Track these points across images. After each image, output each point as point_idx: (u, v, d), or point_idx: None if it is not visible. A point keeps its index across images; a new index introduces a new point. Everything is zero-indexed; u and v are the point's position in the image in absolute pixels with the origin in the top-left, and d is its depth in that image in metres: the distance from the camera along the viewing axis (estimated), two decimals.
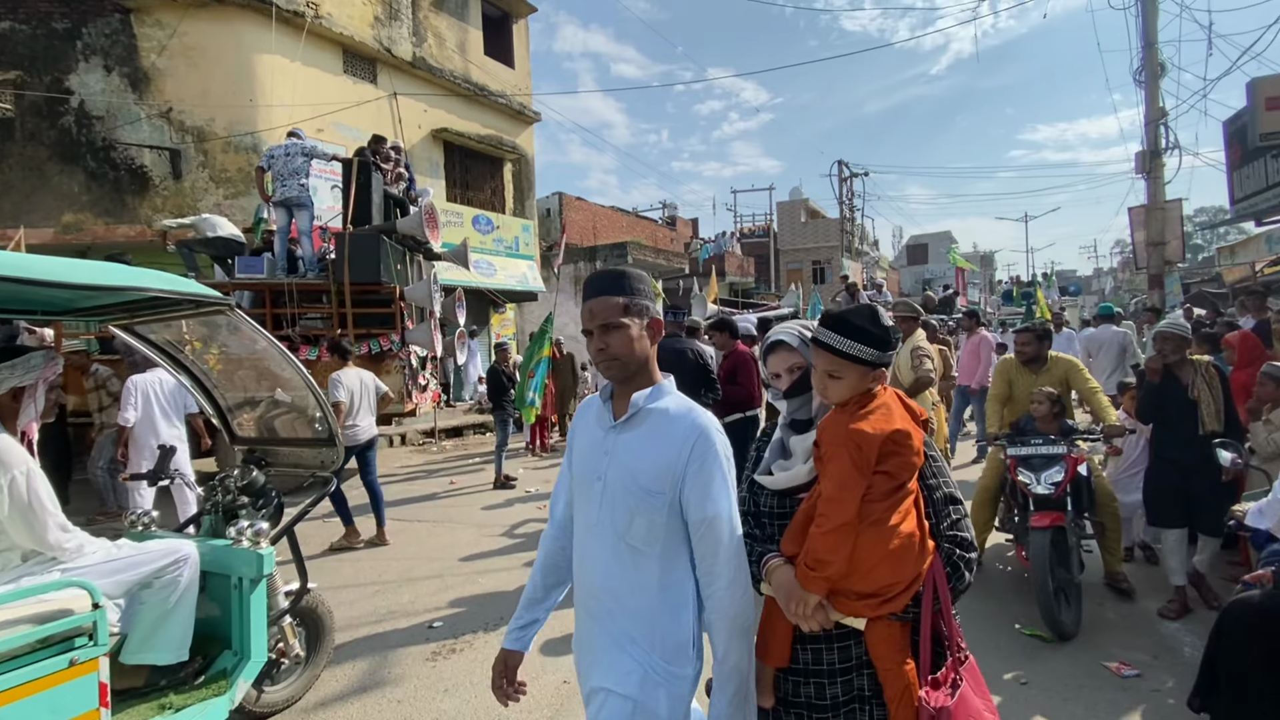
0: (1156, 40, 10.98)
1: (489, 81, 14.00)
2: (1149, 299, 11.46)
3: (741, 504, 1.48)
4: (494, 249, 13.24)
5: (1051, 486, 3.49)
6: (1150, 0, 11.02)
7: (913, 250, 49.80)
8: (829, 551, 1.28)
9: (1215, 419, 3.42)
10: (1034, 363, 4.12)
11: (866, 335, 1.31)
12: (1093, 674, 3.01)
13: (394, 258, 6.91)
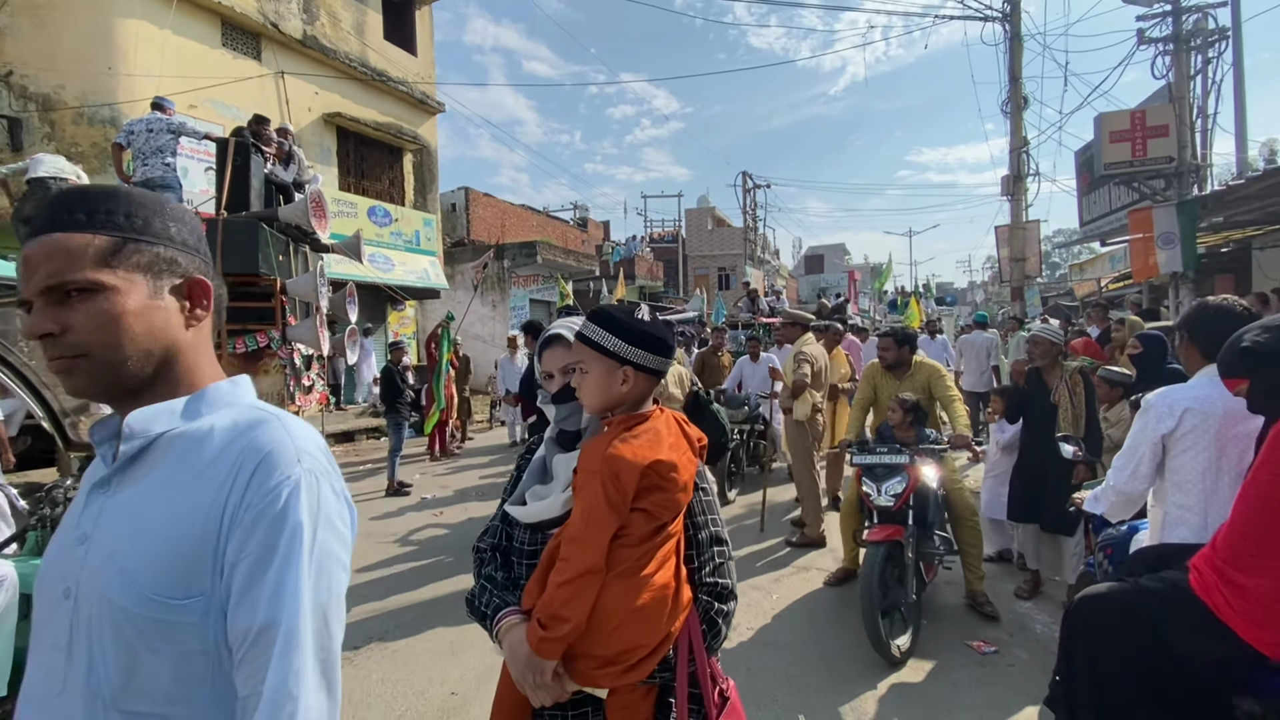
0: (1021, 75, 12.19)
1: (389, 68, 13.33)
2: (1012, 309, 12.70)
3: (492, 535, 1.29)
4: (392, 243, 12.60)
5: (892, 498, 3.37)
6: (1016, 39, 12.22)
7: (810, 260, 52.50)
8: (566, 605, 1.07)
9: (1072, 424, 3.50)
10: (897, 368, 4.08)
11: (618, 326, 1.17)
12: (959, 651, 3.26)
13: (275, 248, 6.39)
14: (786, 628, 3.56)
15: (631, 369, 1.18)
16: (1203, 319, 2.03)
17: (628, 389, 1.18)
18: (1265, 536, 1.48)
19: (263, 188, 6.80)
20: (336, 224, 10.26)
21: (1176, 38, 12.04)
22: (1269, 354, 1.54)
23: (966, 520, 3.65)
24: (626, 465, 1.09)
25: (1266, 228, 8.86)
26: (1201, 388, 1.99)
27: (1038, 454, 3.63)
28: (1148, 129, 11.64)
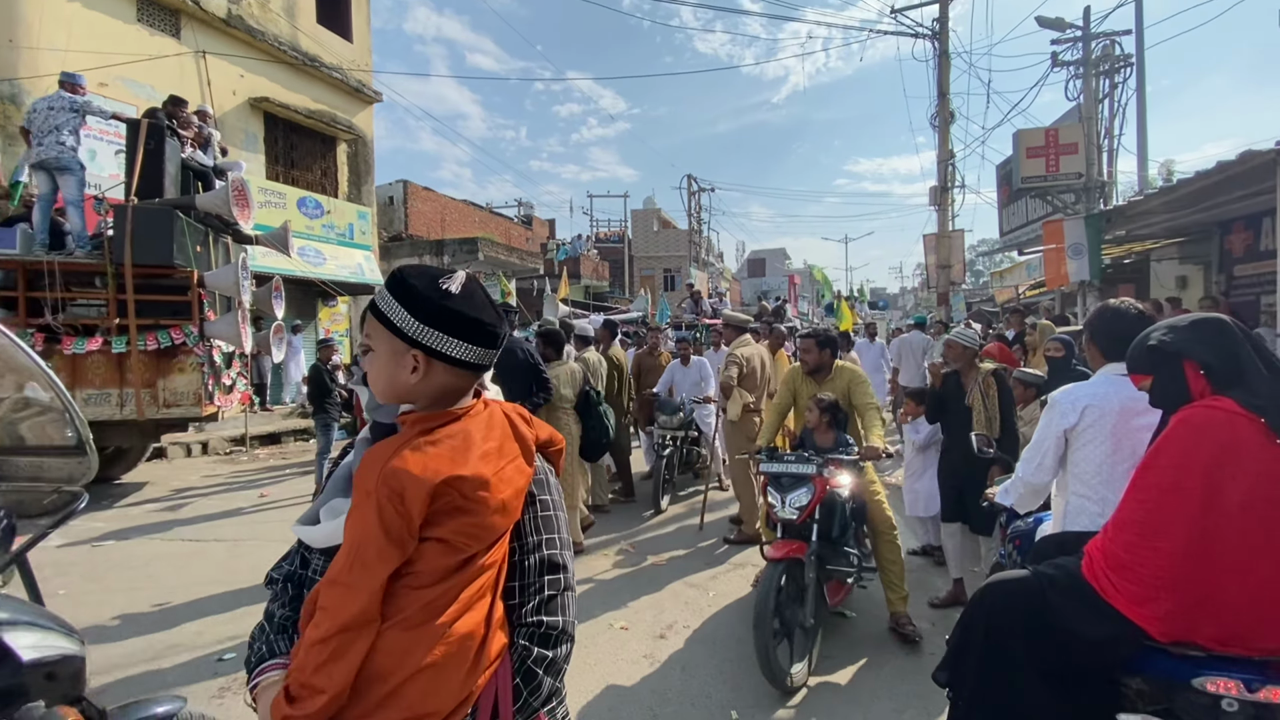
0: (949, 91, 12.81)
1: (322, 53, 12.78)
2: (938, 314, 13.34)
3: (289, 561, 1.05)
4: (324, 236, 12.07)
5: (795, 511, 3.11)
6: (944, 56, 12.83)
7: (752, 264, 53.67)
8: (320, 671, 0.83)
9: (986, 426, 3.51)
10: (818, 373, 3.86)
11: (411, 298, 0.92)
12: (885, 643, 3.39)
13: (192, 238, 6.02)
14: (722, 625, 3.61)
15: (422, 354, 0.93)
16: (1102, 321, 2.16)
17: (418, 379, 0.93)
18: (1159, 525, 1.56)
19: (179, 173, 6.39)
20: (263, 214, 9.76)
21: (1086, 62, 12.95)
22: (1171, 353, 1.65)
23: (885, 535, 3.42)
24: (412, 482, 0.85)
25: (1163, 241, 9.62)
26: (1101, 385, 2.10)
27: (958, 455, 3.65)
28: (1060, 146, 12.47)
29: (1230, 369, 1.58)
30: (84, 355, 5.82)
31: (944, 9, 12.82)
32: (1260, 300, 7.52)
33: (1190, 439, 1.56)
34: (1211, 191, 5.97)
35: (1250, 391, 1.54)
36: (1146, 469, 1.63)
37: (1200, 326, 1.67)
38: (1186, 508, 1.53)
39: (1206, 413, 1.57)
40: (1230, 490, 1.50)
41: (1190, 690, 1.54)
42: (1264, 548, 1.48)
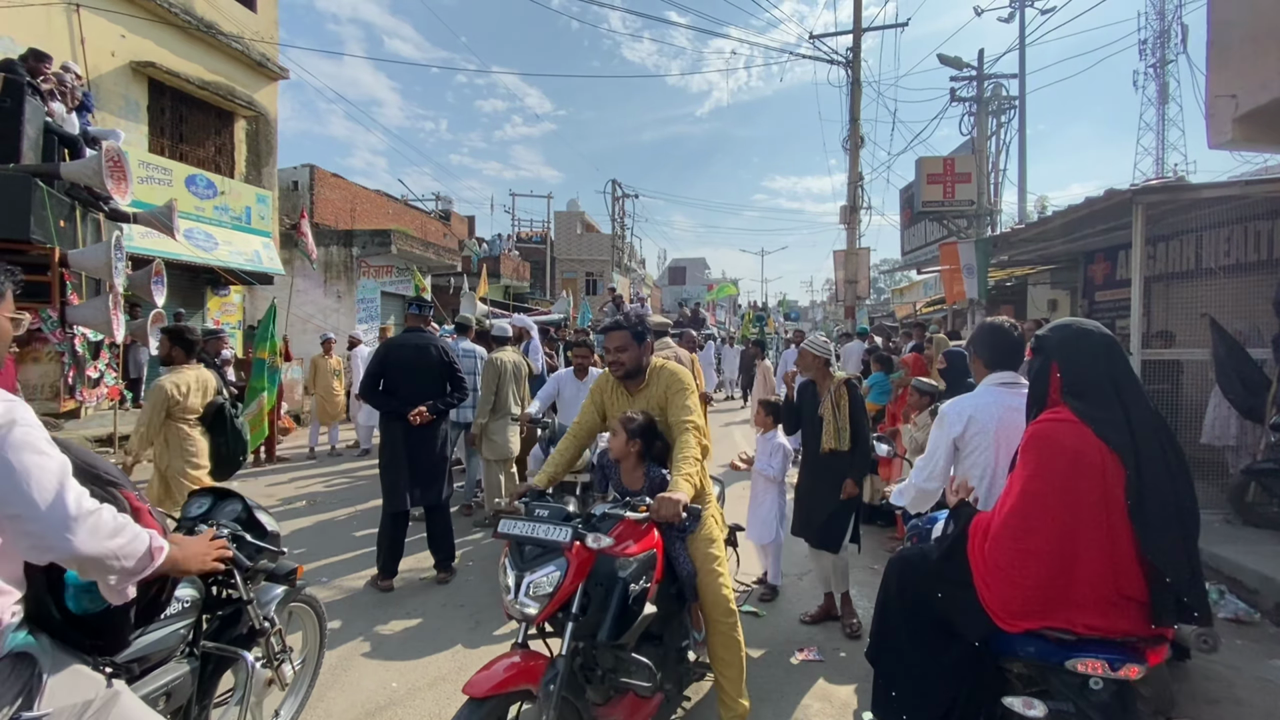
0: (859, 116, 13.56)
1: (219, 20, 11.77)
2: (844, 326, 14.05)
3: None
4: (216, 218, 11.10)
5: (535, 602, 1.96)
6: (856, 84, 13.57)
7: (674, 271, 54.59)
8: None
9: (834, 436, 3.47)
10: (631, 378, 2.64)
11: None
12: (780, 665, 3.47)
13: (55, 211, 5.35)
14: None
15: None
16: (984, 336, 2.40)
17: None
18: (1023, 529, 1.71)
19: (39, 137, 5.66)
20: (144, 191, 8.84)
21: (980, 99, 14.09)
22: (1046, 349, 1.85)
23: (720, 624, 2.44)
24: None
25: (1039, 267, 10.61)
26: (984, 395, 2.30)
27: (808, 467, 3.67)
28: (956, 175, 13.50)
29: (1078, 379, 1.75)
30: None
31: (857, 39, 13.58)
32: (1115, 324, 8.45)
33: (1045, 451, 1.72)
34: (1077, 225, 6.63)
35: (1088, 403, 1.71)
36: (1014, 478, 1.79)
37: (1069, 333, 1.83)
38: (1050, 511, 1.68)
39: (1053, 426, 1.74)
40: (1084, 492, 1.66)
41: (1063, 671, 1.69)
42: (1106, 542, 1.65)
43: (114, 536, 1.32)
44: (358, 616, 3.76)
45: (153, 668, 1.76)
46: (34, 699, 1.27)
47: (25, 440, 1.23)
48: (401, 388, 4.19)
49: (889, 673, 2.00)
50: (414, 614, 3.81)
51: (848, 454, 3.48)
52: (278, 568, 2.20)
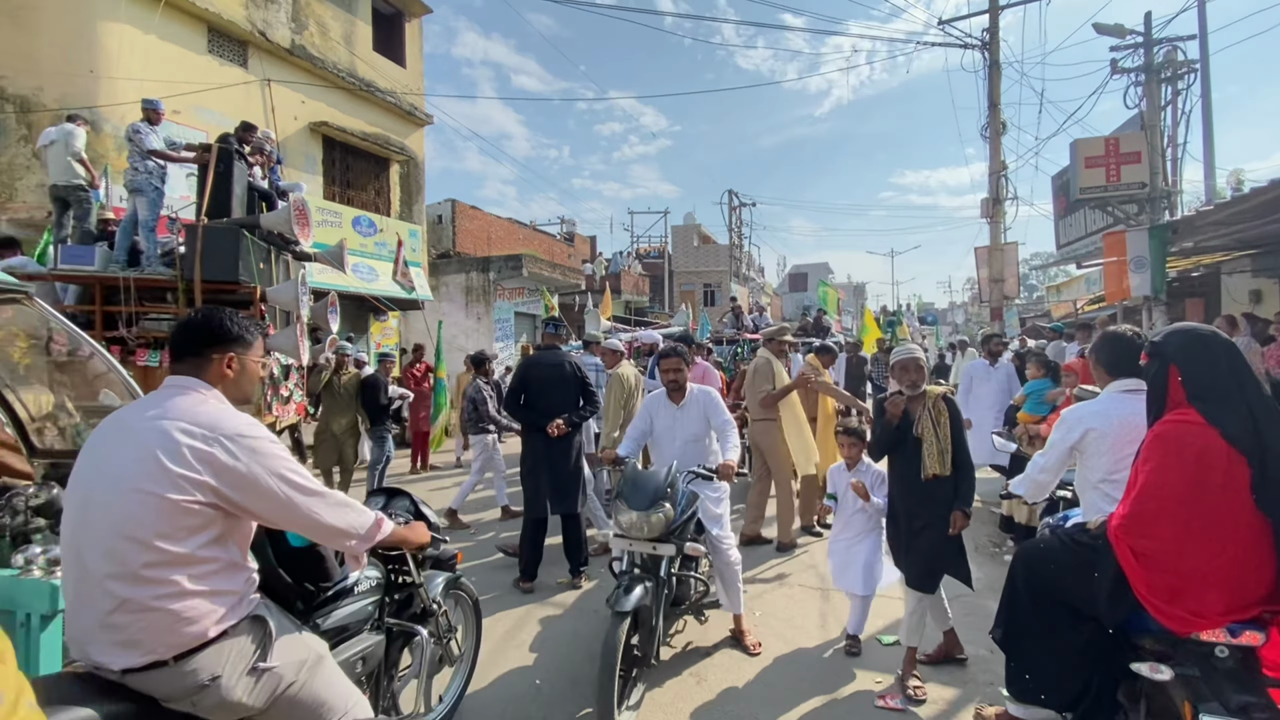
0: (999, 102, 12.51)
1: (377, 78, 13.34)
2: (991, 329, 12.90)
3: None
4: (376, 253, 12.51)
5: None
6: (994, 66, 12.55)
7: (794, 278, 53.16)
8: None
9: (937, 460, 3.02)
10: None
11: None
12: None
13: (256, 255, 6.31)
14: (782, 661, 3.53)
15: None
16: (1104, 345, 2.50)
17: None
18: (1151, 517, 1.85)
19: (245, 194, 6.72)
20: (320, 233, 10.17)
21: (1148, 69, 12.45)
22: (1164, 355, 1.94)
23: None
24: None
25: (1234, 253, 9.12)
26: (1104, 404, 2.41)
27: (902, 497, 3.19)
28: (1121, 155, 11.98)
29: (1201, 382, 1.86)
30: (156, 367, 6.13)
31: (994, 19, 12.58)
32: None
33: (1169, 448, 1.85)
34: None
35: (1212, 404, 1.83)
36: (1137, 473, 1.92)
37: (1188, 338, 1.93)
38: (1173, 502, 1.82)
39: (1177, 426, 1.86)
40: (1208, 485, 1.79)
41: (1189, 642, 1.83)
42: (1232, 534, 1.78)
43: (342, 511, 1.71)
44: (502, 615, 4.03)
45: (349, 638, 2.11)
46: (268, 652, 1.60)
47: (271, 441, 1.63)
48: (540, 402, 4.47)
49: (1022, 656, 2.12)
50: (553, 615, 4.03)
51: (950, 479, 3.04)
52: (441, 554, 2.58)
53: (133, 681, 1.47)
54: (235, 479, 1.53)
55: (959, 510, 2.98)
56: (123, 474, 1.49)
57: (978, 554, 4.98)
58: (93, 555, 1.47)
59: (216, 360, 1.72)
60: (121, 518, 1.46)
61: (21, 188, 8.97)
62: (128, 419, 1.61)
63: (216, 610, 1.52)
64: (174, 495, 1.47)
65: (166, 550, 1.46)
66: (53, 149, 6.63)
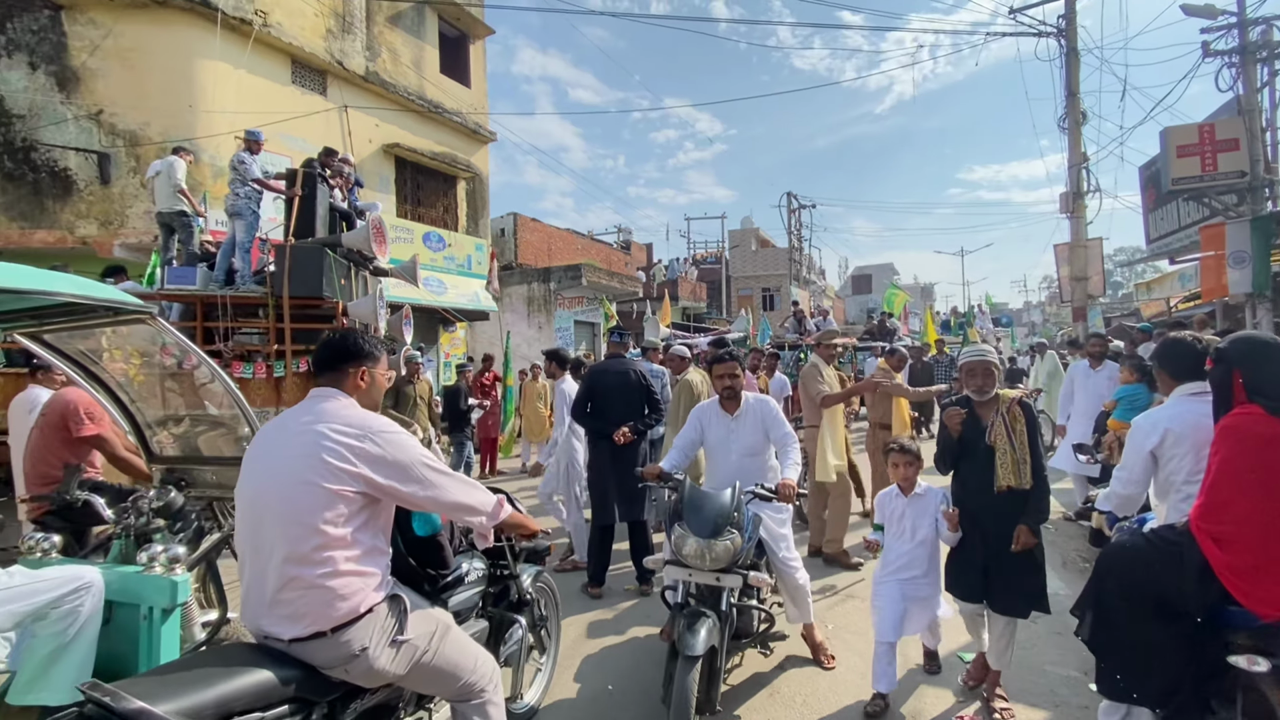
0: (1078, 90, 11.85)
1: (444, 99, 13.91)
2: (1073, 331, 12.18)
3: None
4: (445, 267, 13.02)
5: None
6: (1073, 54, 11.91)
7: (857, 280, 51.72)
8: None
9: (1014, 471, 2.77)
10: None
11: None
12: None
13: (338, 272, 6.69)
14: (852, 667, 3.45)
15: None
16: (1167, 350, 2.55)
17: None
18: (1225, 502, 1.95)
19: (327, 215, 7.14)
20: (394, 249, 10.67)
21: (1243, 50, 11.52)
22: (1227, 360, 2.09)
23: None
24: None
25: None
26: (1176, 406, 2.43)
27: (976, 513, 2.86)
28: (1217, 143, 11.12)
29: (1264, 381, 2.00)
30: (250, 379, 6.58)
31: (1070, 4, 11.95)
32: None
33: (1236, 437, 1.99)
34: None
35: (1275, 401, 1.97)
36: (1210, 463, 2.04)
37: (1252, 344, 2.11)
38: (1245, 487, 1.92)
39: (1243, 418, 2.01)
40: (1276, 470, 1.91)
41: None
42: None
43: (473, 491, 1.97)
44: (573, 620, 4.10)
45: (460, 623, 2.28)
46: (404, 626, 1.83)
47: (408, 435, 1.89)
48: (607, 410, 4.54)
49: (1112, 655, 2.12)
50: (623, 621, 4.06)
51: (1027, 491, 2.76)
52: (536, 546, 2.73)
53: (297, 650, 1.70)
54: (385, 467, 1.79)
55: (1025, 525, 2.72)
56: (289, 470, 1.74)
57: (1066, 569, 4.71)
58: (268, 540, 1.72)
59: (352, 374, 1.95)
60: (292, 507, 1.71)
61: (132, 215, 9.83)
62: (287, 424, 1.87)
63: (365, 589, 1.76)
64: (333, 485, 1.72)
65: (328, 534, 1.70)
66: (159, 180, 7.24)
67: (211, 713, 1.44)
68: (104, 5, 9.70)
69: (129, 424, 3.13)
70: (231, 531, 2.88)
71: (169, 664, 1.78)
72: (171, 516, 2.76)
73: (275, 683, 1.59)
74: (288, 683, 1.62)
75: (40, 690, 2.06)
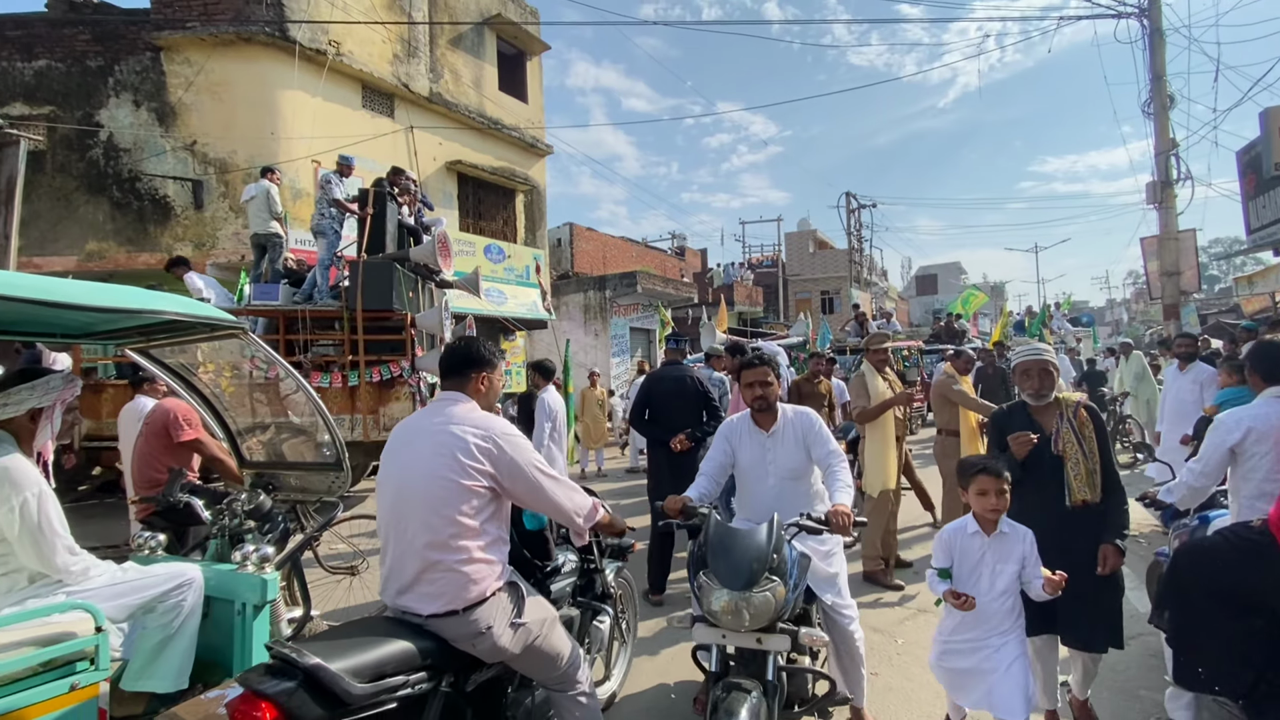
0: (1164, 73, 11.09)
1: (503, 116, 14.34)
2: (1165, 329, 11.35)
3: None
4: (505, 277, 13.39)
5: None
6: (1157, 34, 11.16)
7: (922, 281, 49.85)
8: None
9: (1087, 482, 2.48)
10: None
11: None
12: None
13: (406, 285, 6.99)
14: (914, 677, 3.33)
15: None
16: (1260, 351, 2.69)
17: None
18: None
19: (397, 232, 7.48)
20: (458, 262, 11.06)
21: None
22: None
23: None
24: None
25: None
26: (1262, 407, 2.49)
27: (1046, 532, 2.41)
28: None
29: None
30: (327, 388, 6.96)
31: None
32: None
33: None
34: None
35: None
36: None
37: None
38: None
39: None
40: None
41: None
42: None
43: (573, 494, 2.14)
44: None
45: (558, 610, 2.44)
46: (522, 611, 2.02)
47: (524, 439, 2.06)
48: (664, 416, 4.55)
49: (1194, 649, 2.11)
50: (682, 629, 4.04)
51: (1099, 505, 2.49)
52: (621, 544, 2.89)
53: (433, 625, 1.90)
54: (506, 466, 1.98)
55: (1109, 544, 2.43)
56: (428, 466, 1.94)
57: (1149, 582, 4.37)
58: (411, 528, 1.92)
59: (474, 378, 2.14)
60: (432, 499, 1.92)
61: (221, 236, 10.58)
62: (421, 424, 2.08)
63: (491, 575, 1.96)
64: (466, 481, 1.92)
65: (463, 524, 1.91)
66: (253, 204, 7.76)
67: (370, 672, 1.65)
68: (197, 44, 10.52)
69: (223, 431, 3.37)
70: (315, 534, 3.04)
71: (331, 630, 2.03)
72: (261, 518, 2.95)
73: (415, 652, 1.80)
74: (425, 653, 1.84)
75: (149, 678, 2.24)
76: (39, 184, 10.29)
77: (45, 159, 10.26)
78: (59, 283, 1.95)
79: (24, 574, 2.12)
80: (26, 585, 2.13)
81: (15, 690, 1.80)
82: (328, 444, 3.18)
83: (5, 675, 1.78)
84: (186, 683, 2.30)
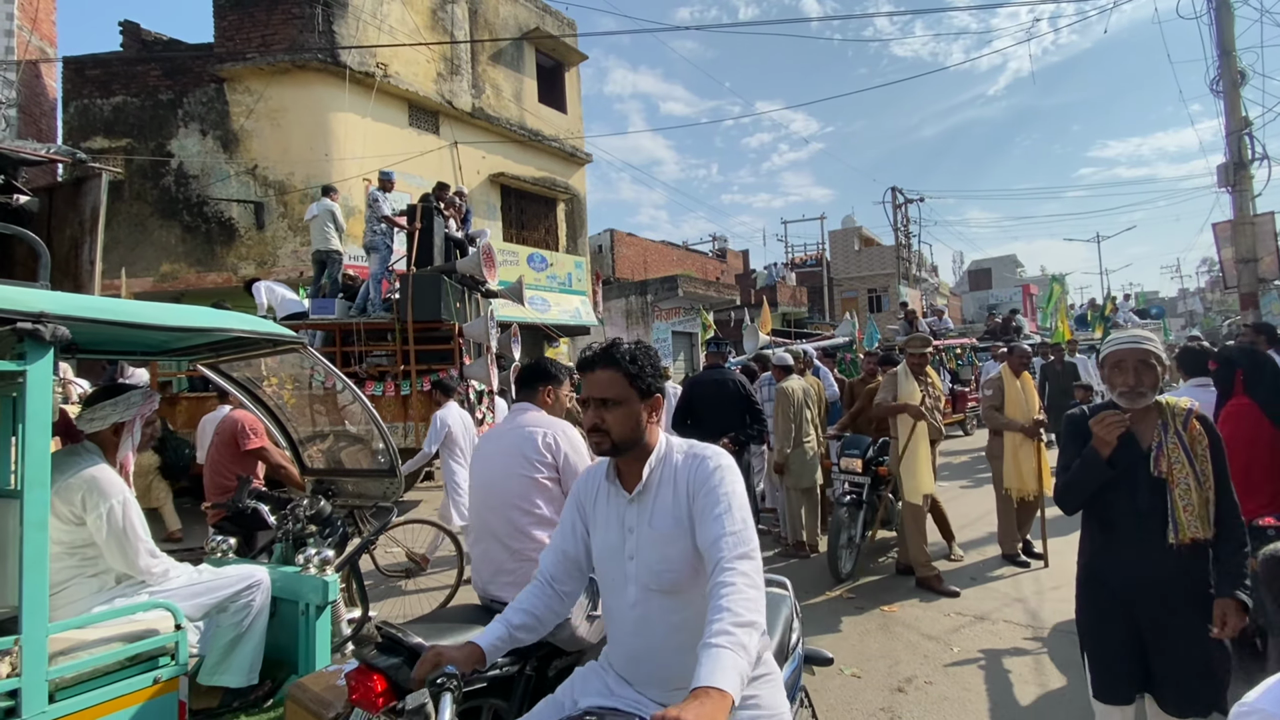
0: (1234, 48, 10.44)
1: (543, 127, 14.60)
2: (1244, 319, 10.64)
3: None
4: (547, 285, 13.62)
5: None
6: (1225, 7, 10.52)
7: (974, 275, 48.09)
8: None
9: (1202, 518, 1.86)
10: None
11: None
12: None
13: (453, 296, 7.20)
14: (970, 687, 3.23)
15: None
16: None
17: None
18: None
19: (444, 244, 7.71)
20: (502, 271, 11.31)
21: None
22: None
23: None
24: None
25: None
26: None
27: (1139, 574, 1.93)
28: None
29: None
30: (380, 396, 7.22)
31: None
32: None
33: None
34: None
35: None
36: None
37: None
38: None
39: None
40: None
41: None
42: None
43: None
44: None
45: None
46: (596, 604, 2.05)
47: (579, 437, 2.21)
48: (706, 420, 4.55)
49: None
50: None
51: (1208, 544, 1.89)
52: None
53: None
54: (567, 463, 2.22)
55: (1229, 599, 1.80)
56: (504, 466, 2.22)
57: None
58: (495, 521, 2.17)
59: (542, 391, 2.45)
60: (511, 494, 2.17)
61: (281, 255, 11.12)
62: (501, 432, 2.39)
63: None
64: (537, 475, 2.17)
65: (536, 514, 2.14)
66: (315, 222, 8.13)
67: None
68: (256, 74, 11.11)
69: (285, 440, 3.54)
70: (371, 538, 3.17)
71: (426, 615, 2.21)
72: (321, 523, 3.09)
73: None
74: None
75: (223, 673, 2.38)
76: (118, 211, 11.05)
77: (123, 188, 11.01)
78: (137, 305, 2.12)
79: (111, 575, 2.29)
80: (114, 585, 2.29)
81: (106, 683, 1.95)
82: (382, 451, 3.30)
83: (98, 668, 1.94)
84: (257, 678, 2.44)
